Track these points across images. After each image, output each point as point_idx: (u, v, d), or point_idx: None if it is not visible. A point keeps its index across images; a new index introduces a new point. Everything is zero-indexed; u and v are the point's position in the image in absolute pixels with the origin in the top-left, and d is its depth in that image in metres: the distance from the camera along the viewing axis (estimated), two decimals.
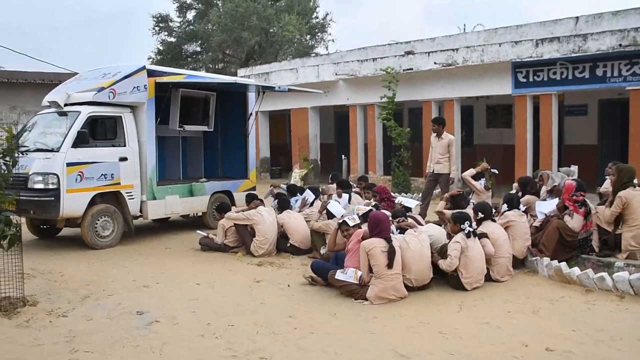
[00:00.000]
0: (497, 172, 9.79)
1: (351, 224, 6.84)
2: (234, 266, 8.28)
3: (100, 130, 9.82)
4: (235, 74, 28.36)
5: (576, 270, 6.67)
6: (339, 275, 6.34)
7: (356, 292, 6.27)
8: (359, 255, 6.31)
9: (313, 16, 36.58)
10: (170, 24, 36.45)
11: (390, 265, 6.05)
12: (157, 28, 36.22)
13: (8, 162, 6.30)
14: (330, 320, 5.71)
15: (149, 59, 36.52)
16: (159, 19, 36.08)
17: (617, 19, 14.98)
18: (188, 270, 8.03)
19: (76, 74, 22.86)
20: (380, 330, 5.40)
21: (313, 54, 34.48)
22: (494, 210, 7.73)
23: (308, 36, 35.77)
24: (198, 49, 37.04)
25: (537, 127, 14.67)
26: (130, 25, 74.93)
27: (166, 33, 36.48)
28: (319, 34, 37.41)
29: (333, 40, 46.33)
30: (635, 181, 7.20)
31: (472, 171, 9.48)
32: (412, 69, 16.42)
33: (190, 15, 36.41)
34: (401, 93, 16.46)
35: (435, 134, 11.00)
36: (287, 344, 5.10)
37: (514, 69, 14.59)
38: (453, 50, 15.79)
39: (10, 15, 67.45)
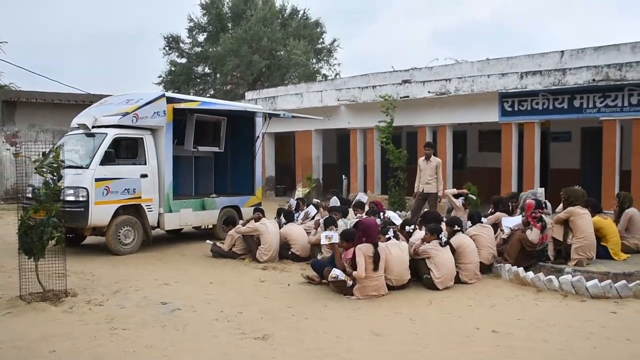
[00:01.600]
0: (474, 198, 11.04)
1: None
2: (241, 270, 9.49)
3: (124, 150, 11.10)
4: (243, 96, 29.71)
5: (530, 274, 7.92)
6: (334, 272, 7.53)
7: (345, 288, 7.47)
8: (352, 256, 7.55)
9: (320, 41, 37.79)
10: (181, 45, 37.43)
11: (375, 268, 7.26)
12: (167, 49, 37.16)
13: (55, 177, 7.53)
14: (322, 310, 6.92)
15: (159, 77, 37.66)
16: (170, 39, 37.08)
17: (597, 54, 16.24)
18: (202, 272, 9.24)
19: (91, 95, 24.25)
20: (362, 317, 6.61)
21: (318, 78, 35.84)
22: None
23: (314, 60, 36.88)
24: (208, 70, 38.23)
25: (522, 152, 15.89)
26: (141, 45, 76.61)
27: (177, 54, 37.69)
28: (325, 57, 38.60)
29: (339, 64, 47.58)
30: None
31: (454, 190, 10.74)
32: (408, 96, 17.70)
33: (202, 37, 37.60)
34: (398, 118, 17.65)
35: (424, 157, 12.22)
36: (286, 326, 6.30)
37: (500, 98, 15.87)
38: (446, 80, 17.09)
39: (20, 32, 69.17)
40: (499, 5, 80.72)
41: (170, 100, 11.61)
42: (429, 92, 17.08)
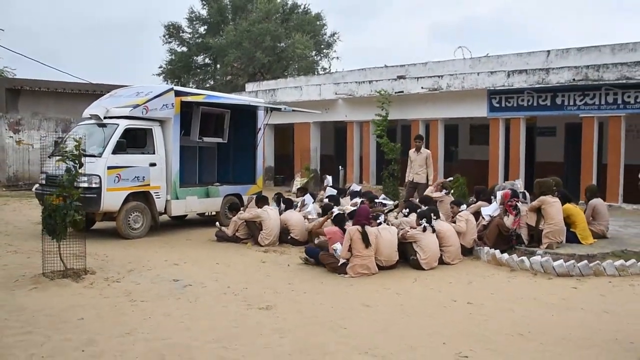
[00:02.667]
0: (449, 180, 12.02)
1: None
2: (245, 252, 10.30)
3: (134, 140, 11.81)
4: (243, 87, 30.45)
5: (505, 256, 8.81)
6: (336, 245, 8.42)
7: (339, 268, 8.31)
8: (336, 236, 8.43)
9: (321, 33, 38.44)
10: (182, 34, 38.02)
11: (367, 245, 8.09)
12: (167, 37, 37.70)
13: (76, 165, 8.31)
14: (319, 286, 7.75)
15: (159, 67, 38.25)
16: (171, 27, 37.55)
17: (581, 54, 17.10)
18: (208, 255, 10.04)
19: (94, 84, 24.83)
20: (354, 291, 7.45)
21: (318, 70, 36.56)
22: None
23: (314, 52, 37.53)
24: (208, 60, 38.83)
25: (509, 146, 16.72)
26: (141, 34, 77.19)
27: (178, 42, 38.15)
28: (325, 50, 39.25)
29: (338, 58, 48.06)
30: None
31: (431, 188, 11.61)
32: (403, 91, 18.51)
33: (202, 29, 38.18)
34: (393, 112, 18.43)
35: (414, 149, 13.06)
36: (286, 299, 7.12)
37: (489, 95, 16.71)
38: (439, 76, 17.90)
39: (20, 17, 69.55)
40: (499, 2, 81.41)
41: (178, 93, 12.37)
42: (422, 87, 17.90)
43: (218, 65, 37.27)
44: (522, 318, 6.32)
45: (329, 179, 14.30)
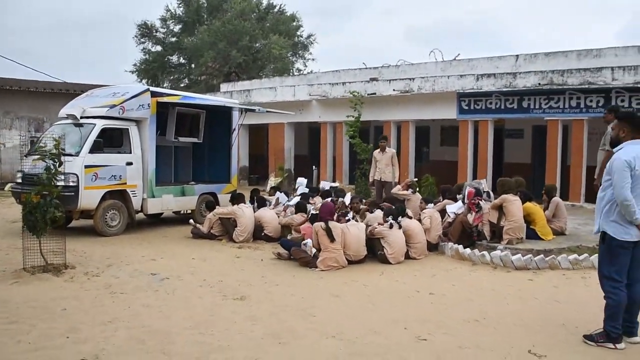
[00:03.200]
0: (416, 179, 12.52)
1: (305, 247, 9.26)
2: (220, 248, 10.64)
3: (111, 140, 12.05)
4: (217, 87, 30.70)
5: (468, 250, 9.31)
6: (303, 246, 8.81)
7: (310, 262, 8.71)
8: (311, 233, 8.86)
9: (297, 34, 38.79)
10: (156, 33, 38.01)
11: (331, 240, 8.51)
12: (140, 37, 37.72)
13: (56, 163, 8.59)
14: (291, 279, 8.15)
15: (133, 65, 38.22)
16: (144, 27, 37.57)
17: (548, 59, 17.75)
18: (184, 250, 10.37)
19: (68, 83, 24.81)
20: (324, 284, 7.85)
21: (294, 71, 36.90)
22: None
23: (289, 53, 37.85)
24: (183, 60, 38.94)
25: (477, 147, 17.29)
26: (113, 32, 76.73)
27: (152, 42, 38.14)
28: (301, 51, 39.63)
29: (313, 59, 48.54)
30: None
31: (399, 187, 12.05)
32: (375, 93, 18.98)
33: (176, 28, 38.28)
34: (366, 114, 18.80)
35: (379, 149, 13.53)
36: (260, 290, 7.50)
37: (458, 98, 17.25)
38: (410, 79, 18.41)
39: None
40: (473, 6, 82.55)
41: (154, 94, 12.67)
42: (394, 90, 18.40)
43: (193, 65, 37.38)
44: (480, 306, 6.79)
45: (302, 182, 14.60)
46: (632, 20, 73.09)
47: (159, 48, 38.04)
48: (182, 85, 37.77)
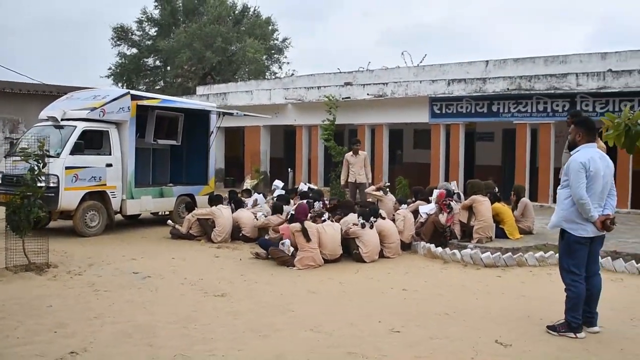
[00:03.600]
0: (389, 184, 12.98)
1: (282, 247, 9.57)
2: (199, 249, 10.89)
3: (91, 142, 12.22)
4: (193, 89, 30.84)
5: (439, 249, 9.71)
6: (281, 246, 9.12)
7: (287, 261, 9.02)
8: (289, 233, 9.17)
9: (272, 38, 39.07)
10: (131, 36, 37.90)
11: (307, 240, 8.84)
12: (115, 39, 37.55)
13: (39, 164, 8.77)
14: (269, 277, 8.44)
15: (108, 69, 38.13)
16: (120, 30, 37.45)
17: (517, 65, 18.33)
18: (164, 250, 10.60)
19: (45, 84, 24.76)
20: (301, 281, 8.16)
21: (268, 75, 37.16)
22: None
23: (265, 56, 38.09)
24: (158, 63, 38.95)
25: (449, 150, 17.76)
26: (89, 33, 76.15)
27: (128, 45, 38.12)
28: (276, 55, 39.92)
29: (288, 63, 48.79)
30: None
31: (373, 187, 12.43)
32: (349, 97, 19.36)
33: (153, 30, 38.26)
34: (340, 117, 19.25)
35: (352, 152, 13.92)
36: (239, 287, 7.79)
37: (430, 102, 17.71)
38: (384, 84, 18.83)
39: None
40: (446, 10, 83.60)
41: (133, 97, 12.88)
42: (368, 94, 18.79)
43: (168, 68, 37.43)
44: (450, 301, 7.15)
45: (278, 184, 14.91)
46: (600, 24, 74.73)
47: (134, 50, 37.99)
48: (157, 87, 37.79)
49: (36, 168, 8.75)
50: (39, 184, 10.28)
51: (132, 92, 13.18)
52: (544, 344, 5.65)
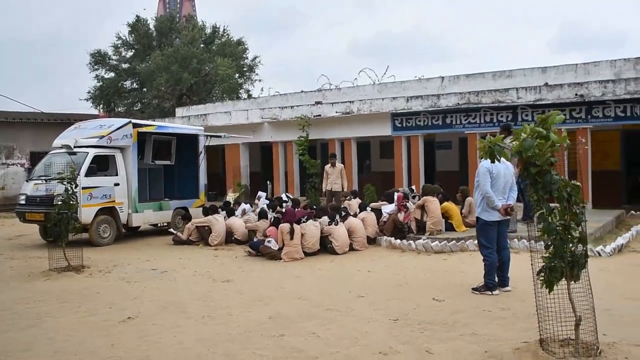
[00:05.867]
0: (350, 196, 15.29)
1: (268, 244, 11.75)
2: (199, 251, 12.98)
3: (100, 165, 14.27)
4: (170, 109, 32.84)
5: (398, 241, 11.95)
6: (267, 243, 11.26)
7: (275, 256, 11.18)
8: (276, 234, 11.30)
9: (243, 56, 41.01)
10: (109, 60, 39.38)
11: (292, 237, 11.02)
12: (93, 64, 38.91)
13: (72, 185, 10.80)
14: (262, 268, 10.60)
15: (88, 92, 39.56)
16: (98, 55, 38.88)
17: (469, 80, 20.70)
18: (169, 254, 12.65)
19: (36, 113, 26.53)
20: (288, 270, 10.35)
21: (242, 93, 39.23)
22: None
23: (237, 75, 39.95)
24: (135, 85, 40.59)
25: (411, 159, 20.07)
26: (60, 56, 77.27)
27: (105, 69, 39.48)
28: (247, 73, 41.89)
29: (260, 80, 50.74)
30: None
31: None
32: (320, 115, 21.59)
33: (128, 54, 39.88)
34: (313, 133, 21.31)
35: (330, 164, 16.18)
36: (240, 275, 9.93)
37: (392, 117, 20.03)
38: (350, 102, 21.12)
39: None
40: (413, 19, 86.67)
41: (135, 125, 14.97)
42: (336, 112, 21.08)
43: (145, 89, 39.00)
44: (404, 278, 9.37)
45: (261, 195, 17.08)
46: (560, 29, 78.37)
47: (112, 74, 39.56)
48: (135, 108, 39.45)
49: (69, 188, 10.75)
50: (49, 205, 12.39)
51: (134, 121, 15.25)
52: (469, 299, 7.87)
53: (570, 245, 5.51)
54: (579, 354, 5.37)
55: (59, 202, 11.09)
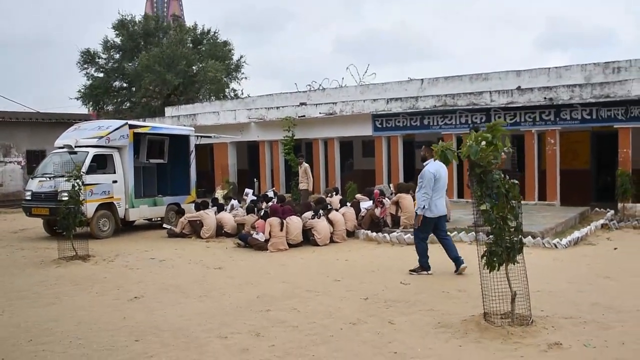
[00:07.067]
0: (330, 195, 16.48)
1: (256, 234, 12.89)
2: (192, 243, 14.11)
3: (99, 163, 15.34)
4: (158, 109, 33.78)
5: (374, 234, 13.14)
6: (255, 235, 12.43)
7: (262, 247, 12.35)
8: (264, 227, 12.47)
9: (229, 56, 41.96)
10: (98, 60, 40.16)
11: (281, 230, 12.19)
12: (82, 63, 39.78)
13: (79, 183, 11.88)
14: (251, 258, 11.77)
15: (78, 91, 40.45)
16: (87, 54, 39.72)
17: (447, 82, 21.96)
18: (165, 246, 13.76)
19: (31, 113, 27.50)
20: (274, 259, 11.54)
21: (229, 92, 40.23)
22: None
23: (224, 75, 40.87)
24: (125, 84, 41.41)
25: (391, 158, 21.27)
26: (55, 56, 77.74)
27: (95, 68, 40.20)
28: (233, 72, 42.84)
29: (246, 78, 51.78)
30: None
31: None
32: (304, 115, 22.75)
33: (117, 54, 40.66)
34: (298, 133, 22.33)
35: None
36: (230, 263, 11.10)
37: (373, 118, 21.23)
38: (333, 103, 22.29)
39: None
40: (398, 17, 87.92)
41: (131, 126, 16.07)
42: (320, 112, 22.25)
43: (134, 89, 39.80)
44: (377, 265, 10.57)
45: (249, 191, 18.28)
46: (546, 28, 79.98)
47: (101, 74, 40.25)
48: (124, 107, 40.27)
49: (77, 185, 11.83)
50: (64, 198, 13.45)
51: (130, 122, 16.37)
52: (431, 283, 9.09)
53: (508, 233, 6.73)
54: (514, 323, 6.60)
55: (67, 198, 12.11)
